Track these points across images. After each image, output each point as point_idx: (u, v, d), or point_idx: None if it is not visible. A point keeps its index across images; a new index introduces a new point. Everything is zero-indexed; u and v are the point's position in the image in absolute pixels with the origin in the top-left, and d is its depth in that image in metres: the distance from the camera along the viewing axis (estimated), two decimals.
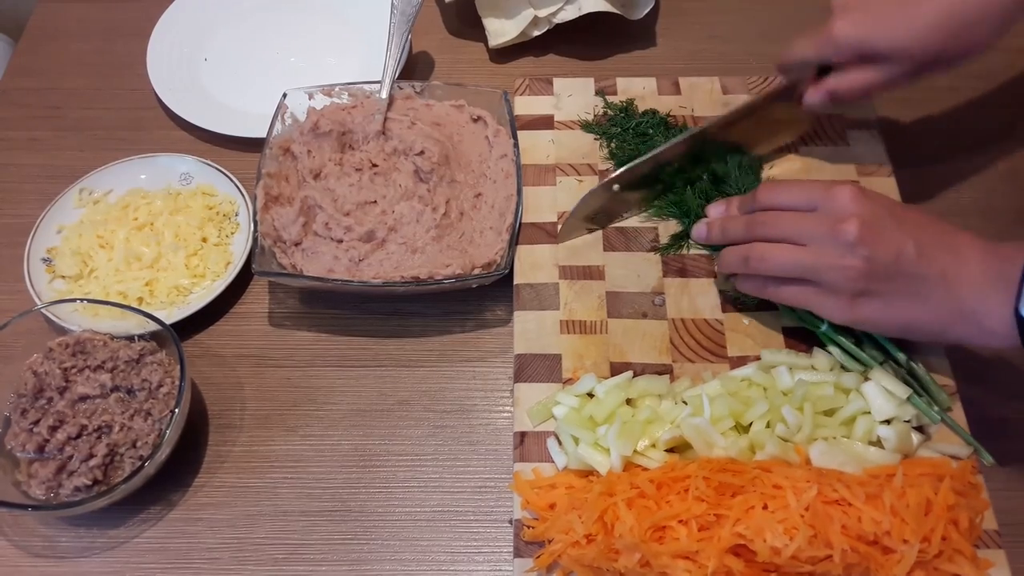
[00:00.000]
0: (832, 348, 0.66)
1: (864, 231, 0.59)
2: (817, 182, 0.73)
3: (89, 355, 0.68)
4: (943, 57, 0.66)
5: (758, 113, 0.75)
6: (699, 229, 0.73)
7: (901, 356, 0.64)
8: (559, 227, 0.75)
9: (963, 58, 0.66)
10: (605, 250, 0.75)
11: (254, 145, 0.82)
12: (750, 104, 0.75)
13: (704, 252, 0.74)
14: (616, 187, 0.74)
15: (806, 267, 0.62)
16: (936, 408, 0.64)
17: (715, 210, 0.73)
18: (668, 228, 0.76)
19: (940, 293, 0.59)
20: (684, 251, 0.74)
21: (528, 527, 0.61)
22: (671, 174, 0.76)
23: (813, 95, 0.71)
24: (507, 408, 0.71)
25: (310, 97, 0.82)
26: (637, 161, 0.74)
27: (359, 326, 0.76)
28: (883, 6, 0.65)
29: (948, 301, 0.59)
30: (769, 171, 0.79)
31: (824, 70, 0.70)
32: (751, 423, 0.62)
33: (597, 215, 0.75)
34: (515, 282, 0.73)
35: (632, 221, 0.76)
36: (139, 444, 0.65)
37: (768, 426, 0.62)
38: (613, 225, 0.76)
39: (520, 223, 0.75)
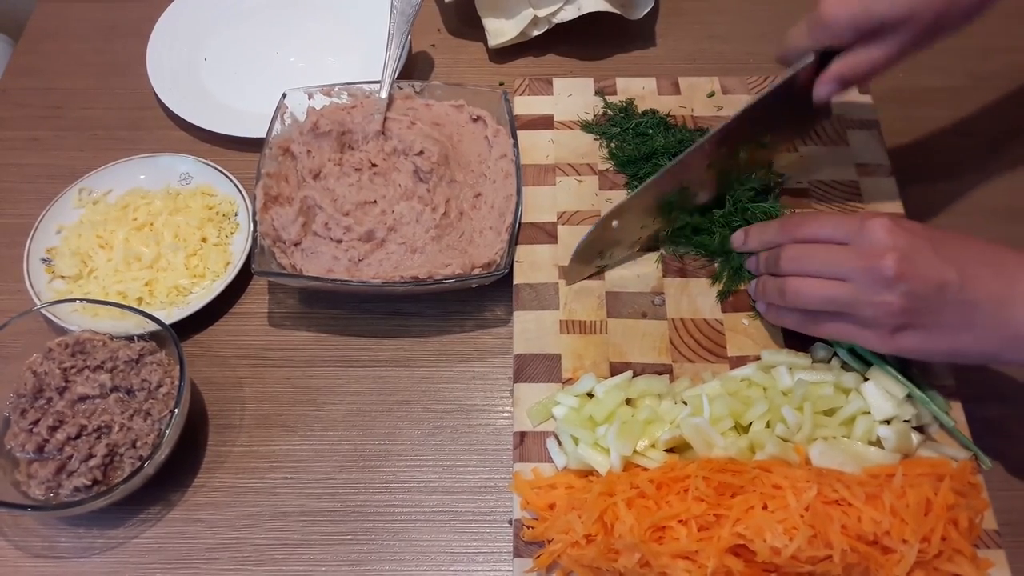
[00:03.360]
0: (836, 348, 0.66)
1: (902, 266, 0.56)
2: (849, 215, 0.68)
3: (88, 355, 0.68)
4: (947, 17, 0.61)
5: (761, 114, 0.70)
6: (749, 262, 0.70)
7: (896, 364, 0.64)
8: (565, 270, 0.72)
9: (969, 17, 0.61)
10: None
11: (254, 145, 0.82)
12: (753, 104, 0.70)
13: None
14: (615, 223, 0.71)
15: (842, 303, 0.59)
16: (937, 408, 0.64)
17: (738, 239, 0.71)
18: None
19: (991, 319, 0.56)
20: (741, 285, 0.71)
21: (528, 527, 0.61)
22: (676, 202, 0.72)
23: (822, 87, 0.66)
24: (507, 408, 0.71)
25: (310, 97, 0.82)
26: (636, 192, 0.71)
27: (359, 326, 0.76)
28: None
29: (1000, 326, 0.56)
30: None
31: (827, 57, 0.65)
32: (751, 423, 0.62)
33: (604, 252, 0.72)
34: (515, 282, 0.73)
35: None
36: (139, 444, 0.65)
37: (768, 426, 0.62)
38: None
39: (520, 223, 0.75)
